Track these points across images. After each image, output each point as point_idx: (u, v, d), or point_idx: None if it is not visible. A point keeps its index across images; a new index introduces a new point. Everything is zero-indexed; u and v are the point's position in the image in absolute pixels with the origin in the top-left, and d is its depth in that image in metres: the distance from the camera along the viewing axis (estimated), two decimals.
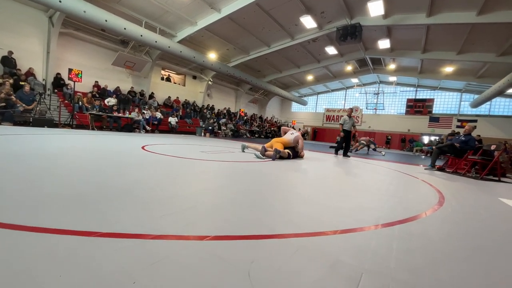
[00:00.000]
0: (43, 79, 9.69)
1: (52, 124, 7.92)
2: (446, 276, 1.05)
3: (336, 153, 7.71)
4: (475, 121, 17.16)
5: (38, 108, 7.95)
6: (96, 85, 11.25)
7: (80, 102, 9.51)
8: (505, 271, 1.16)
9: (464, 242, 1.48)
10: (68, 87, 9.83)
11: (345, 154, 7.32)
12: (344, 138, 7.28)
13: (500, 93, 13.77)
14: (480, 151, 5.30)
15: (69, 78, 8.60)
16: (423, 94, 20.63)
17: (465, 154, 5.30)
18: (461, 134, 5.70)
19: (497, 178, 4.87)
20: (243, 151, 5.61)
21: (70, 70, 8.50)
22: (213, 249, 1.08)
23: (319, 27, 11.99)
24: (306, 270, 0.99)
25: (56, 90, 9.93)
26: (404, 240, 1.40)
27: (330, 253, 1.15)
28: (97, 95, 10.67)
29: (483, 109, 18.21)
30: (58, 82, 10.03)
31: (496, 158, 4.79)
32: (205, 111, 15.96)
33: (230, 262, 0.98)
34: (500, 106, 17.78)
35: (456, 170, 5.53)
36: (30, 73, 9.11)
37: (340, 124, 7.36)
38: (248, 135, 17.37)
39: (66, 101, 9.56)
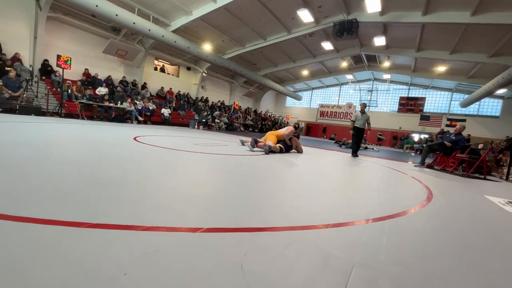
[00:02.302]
0: (30, 65, 9.30)
1: (39, 112, 7.66)
2: (433, 269, 1.08)
3: (356, 155, 6.79)
4: (464, 120, 17.56)
5: (25, 95, 7.66)
6: (86, 73, 10.90)
7: (69, 90, 9.21)
8: (490, 265, 1.20)
9: (451, 236, 1.53)
10: (57, 74, 9.49)
11: (354, 153, 6.76)
12: (355, 136, 6.73)
13: (489, 93, 14.10)
14: (467, 150, 5.45)
15: (58, 65, 8.29)
16: (415, 93, 20.93)
17: (453, 153, 5.44)
18: (452, 132, 5.82)
19: (482, 176, 5.03)
20: (243, 145, 5.62)
21: (58, 57, 8.18)
22: (205, 241, 1.08)
23: (316, 22, 11.89)
24: (299, 262, 1.00)
25: (43, 77, 9.57)
26: (394, 234, 1.43)
27: (322, 246, 1.16)
28: (87, 83, 10.33)
29: (472, 109, 18.64)
30: (45, 69, 9.65)
31: (483, 157, 4.93)
32: (199, 103, 15.75)
33: (222, 254, 0.98)
34: (488, 106, 18.23)
35: (444, 167, 5.67)
36: (16, 59, 8.73)
37: (351, 121, 6.82)
38: (242, 128, 17.31)
39: (54, 89, 9.24)
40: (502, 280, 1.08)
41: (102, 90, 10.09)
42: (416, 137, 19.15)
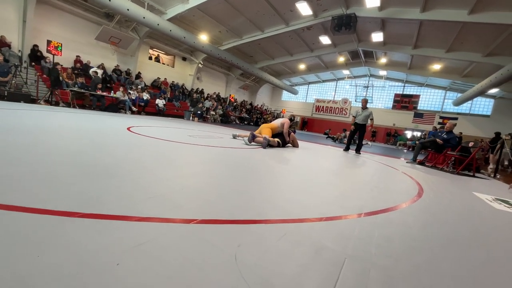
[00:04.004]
0: (19, 50, 8.98)
1: (29, 99, 7.45)
2: (422, 262, 1.11)
3: (348, 150, 6.80)
4: (456, 118, 17.86)
5: (13, 81, 7.42)
6: (78, 60, 10.59)
7: (60, 77, 8.94)
8: (476, 259, 1.24)
9: (440, 231, 1.57)
10: (47, 60, 9.19)
11: (357, 151, 6.60)
12: (353, 132, 6.69)
13: (482, 93, 14.33)
14: (458, 148, 5.56)
15: (48, 51, 8.04)
16: (410, 90, 21.10)
17: (444, 150, 5.54)
18: (443, 130, 5.91)
19: (471, 174, 5.16)
20: (234, 138, 5.57)
21: (48, 42, 7.93)
22: (199, 232, 1.08)
23: (314, 15, 11.76)
24: (292, 254, 1.01)
25: (33, 63, 9.26)
26: (385, 228, 1.45)
27: (315, 238, 1.18)
28: (79, 71, 10.03)
29: (465, 107, 18.94)
30: (35, 55, 9.33)
31: (473, 155, 5.05)
32: (194, 95, 15.54)
33: (216, 246, 0.98)
34: (480, 105, 18.55)
35: (435, 164, 5.79)
36: (3, 43, 8.40)
37: (352, 116, 6.71)
38: (237, 121, 17.22)
39: (45, 76, 8.97)
40: (487, 273, 1.12)
41: (98, 72, 9.80)
42: (409, 134, 19.42)
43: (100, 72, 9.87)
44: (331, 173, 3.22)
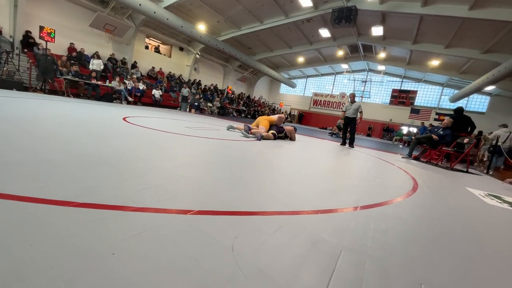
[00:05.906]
0: (11, 36, 8.69)
1: (21, 87, 7.27)
2: (416, 254, 1.13)
3: (345, 144, 6.96)
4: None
5: (5, 68, 7.21)
6: (72, 47, 10.31)
7: (53, 66, 8.71)
8: (469, 252, 1.26)
9: (434, 225, 1.59)
10: (39, 47, 8.93)
11: (350, 144, 6.76)
12: (345, 126, 6.87)
13: (478, 90, 14.42)
14: (453, 144, 5.62)
15: (40, 37, 7.80)
16: (408, 86, 21.13)
17: (439, 146, 5.60)
18: (439, 126, 5.95)
19: (465, 169, 5.24)
20: (229, 130, 5.56)
21: (41, 28, 7.68)
22: (196, 223, 1.07)
23: (314, 7, 11.58)
24: (289, 246, 1.01)
25: (25, 50, 8.99)
26: (380, 221, 1.47)
27: (311, 231, 1.18)
28: (73, 59, 9.77)
29: (461, 104, 19.07)
30: (27, 41, 9.05)
31: (467, 151, 5.11)
32: (184, 85, 15.19)
33: (213, 237, 0.98)
34: (476, 102, 18.71)
35: (430, 160, 5.86)
36: None
37: (342, 111, 6.93)
38: (234, 114, 17.12)
39: (37, 63, 8.72)
40: (477, 264, 1.14)
41: (94, 63, 9.58)
42: (405, 129, 19.56)
43: (97, 62, 9.63)
44: (327, 167, 3.24)
